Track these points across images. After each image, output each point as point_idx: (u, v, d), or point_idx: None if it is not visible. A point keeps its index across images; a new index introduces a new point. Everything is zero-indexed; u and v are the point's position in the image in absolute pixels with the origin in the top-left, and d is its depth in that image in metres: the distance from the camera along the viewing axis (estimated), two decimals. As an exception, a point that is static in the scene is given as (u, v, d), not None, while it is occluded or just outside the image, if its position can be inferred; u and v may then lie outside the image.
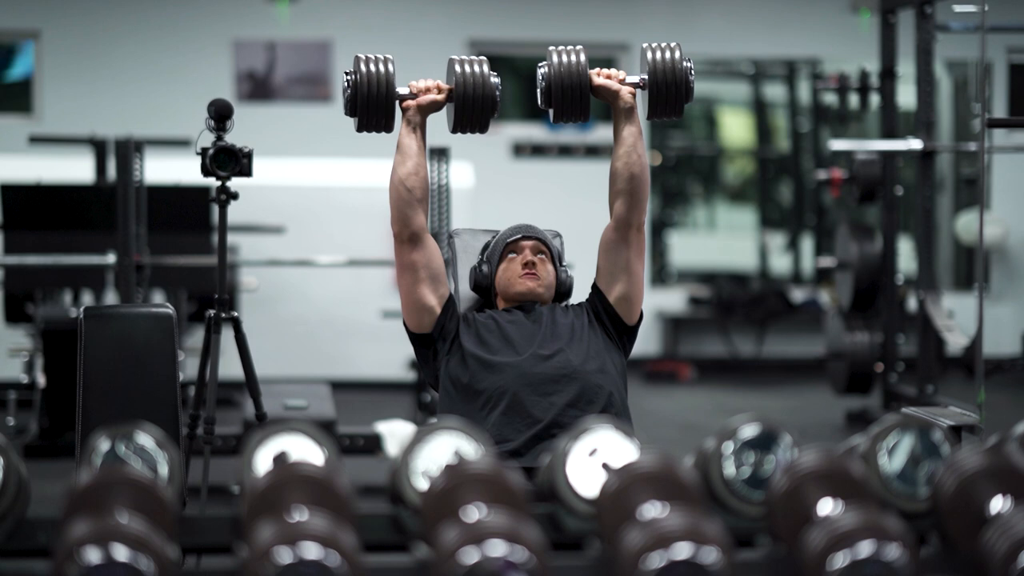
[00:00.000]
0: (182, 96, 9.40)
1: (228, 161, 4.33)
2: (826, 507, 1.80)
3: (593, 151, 10.00)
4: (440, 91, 3.42)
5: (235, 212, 4.56)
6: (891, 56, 7.58)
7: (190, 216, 6.90)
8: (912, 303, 7.92)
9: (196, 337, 7.32)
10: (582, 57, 3.39)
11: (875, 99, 7.71)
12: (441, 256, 3.44)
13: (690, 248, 10.60)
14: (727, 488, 1.92)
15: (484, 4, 10.03)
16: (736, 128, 11.03)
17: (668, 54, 3.38)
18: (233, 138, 4.37)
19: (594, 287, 3.51)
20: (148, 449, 1.90)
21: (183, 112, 8.63)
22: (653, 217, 10.32)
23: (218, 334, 4.38)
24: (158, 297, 7.22)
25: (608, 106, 3.52)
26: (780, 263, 10.62)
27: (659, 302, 9.99)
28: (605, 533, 1.79)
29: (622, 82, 3.44)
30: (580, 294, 3.59)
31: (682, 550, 1.67)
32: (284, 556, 1.62)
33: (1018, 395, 8.64)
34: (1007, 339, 9.43)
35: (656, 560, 1.66)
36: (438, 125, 3.61)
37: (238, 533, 1.76)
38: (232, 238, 7.45)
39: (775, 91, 10.66)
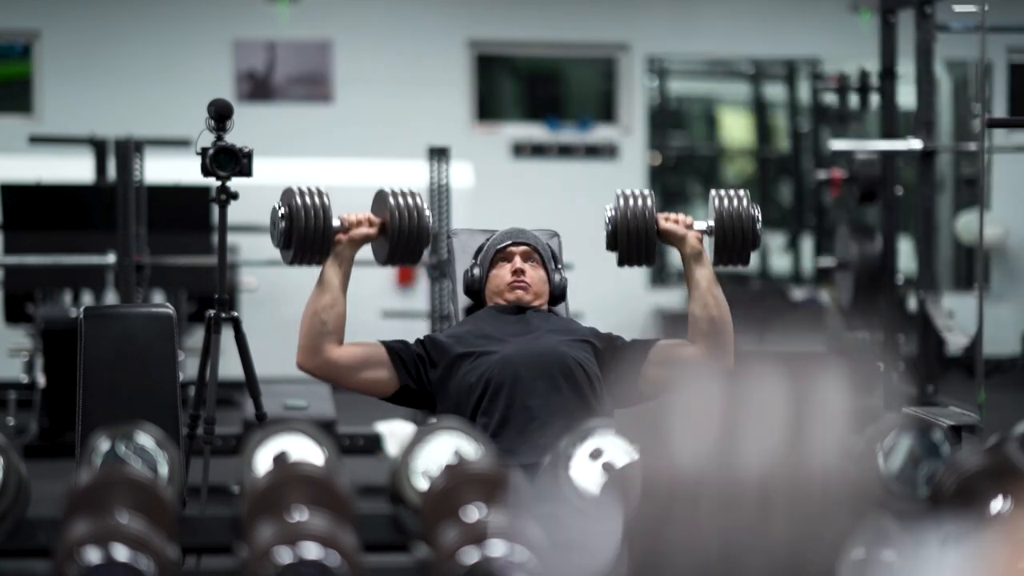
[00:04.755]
0: (182, 96, 9.40)
1: (228, 161, 4.33)
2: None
3: (593, 151, 10.00)
4: (372, 224, 3.33)
5: (235, 212, 4.55)
6: (891, 56, 7.58)
7: (190, 216, 6.90)
8: (912, 303, 7.93)
9: (196, 337, 7.32)
10: (648, 202, 3.36)
11: (875, 99, 7.71)
12: (352, 346, 3.33)
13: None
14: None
15: (484, 4, 10.03)
16: (736, 128, 11.03)
17: (736, 202, 3.36)
18: (233, 138, 4.37)
19: (644, 345, 3.43)
20: (148, 449, 1.90)
21: (183, 112, 8.63)
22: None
23: (218, 334, 4.38)
24: (158, 297, 7.22)
25: (610, 108, 3.50)
26: (780, 263, 10.62)
27: (659, 301, 9.99)
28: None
29: (689, 227, 3.40)
30: (579, 294, 3.59)
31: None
32: (284, 556, 1.62)
33: (1018, 395, 8.64)
34: (1007, 339, 9.43)
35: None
36: (438, 124, 3.60)
37: (238, 533, 1.76)
38: (232, 238, 7.44)
39: (775, 91, 10.66)
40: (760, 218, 3.37)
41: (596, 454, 1.93)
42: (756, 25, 10.19)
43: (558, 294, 3.61)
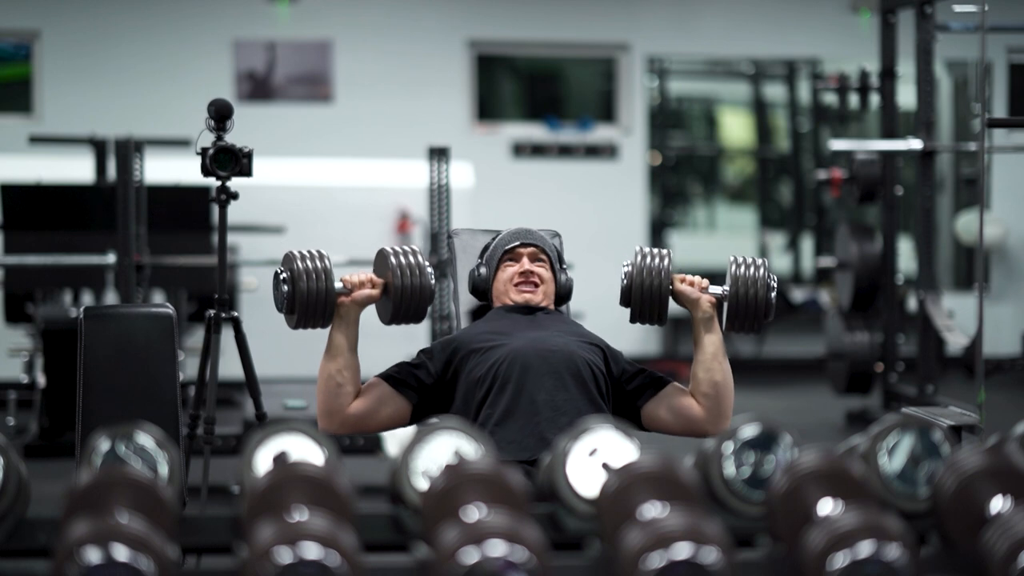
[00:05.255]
0: (182, 96, 9.40)
1: (228, 161, 4.33)
2: (826, 507, 1.80)
3: (593, 151, 9.99)
4: (375, 285, 3.33)
5: (235, 212, 4.55)
6: (891, 56, 7.58)
7: (190, 216, 6.89)
8: (912, 303, 7.92)
9: (196, 337, 7.31)
10: (666, 262, 3.35)
11: (875, 99, 7.71)
12: (362, 400, 3.35)
13: (690, 248, 10.59)
14: (727, 488, 1.92)
15: (484, 4, 10.03)
16: (736, 128, 11.03)
17: (753, 270, 3.33)
18: (233, 138, 4.37)
19: (654, 382, 3.42)
20: (148, 449, 1.90)
21: (183, 112, 8.64)
22: (653, 217, 10.32)
23: (218, 334, 4.38)
24: (158, 297, 7.22)
25: (610, 108, 3.51)
26: (780, 263, 10.61)
27: (659, 302, 9.98)
28: (605, 533, 1.79)
29: (704, 290, 3.39)
30: (579, 294, 3.59)
31: (682, 550, 1.67)
32: (284, 556, 1.62)
33: (1018, 395, 8.64)
34: (1007, 339, 9.43)
35: (656, 560, 1.66)
36: (438, 124, 3.60)
37: (238, 533, 1.76)
38: (232, 238, 7.44)
39: (775, 91, 10.66)
40: (776, 287, 3.34)
41: (594, 453, 1.93)
42: (756, 25, 10.18)
43: (564, 294, 3.62)
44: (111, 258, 6.18)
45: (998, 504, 1.83)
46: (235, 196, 4.39)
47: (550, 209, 9.51)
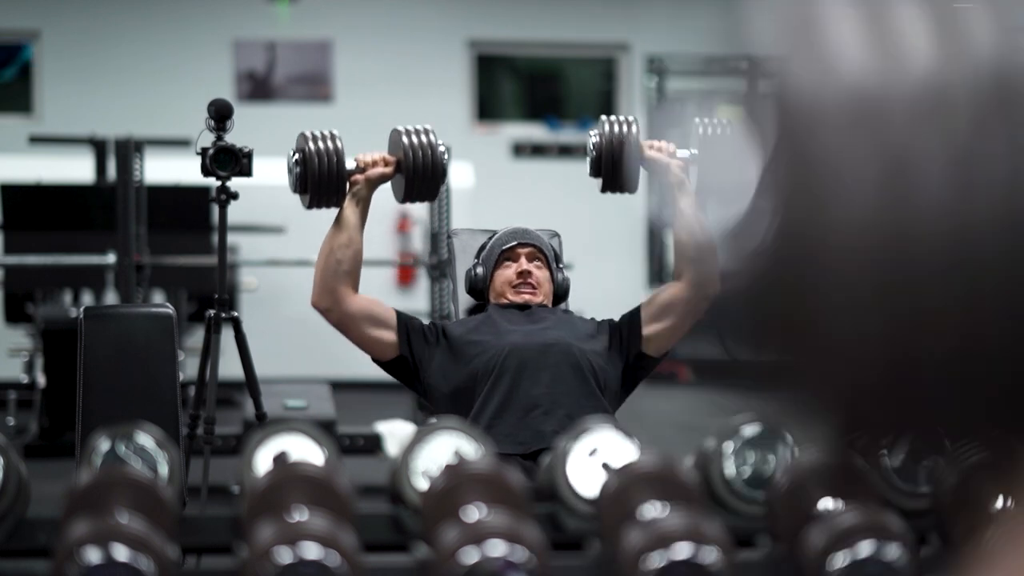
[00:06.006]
0: (182, 96, 9.40)
1: (228, 161, 4.33)
2: (826, 506, 1.80)
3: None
4: (387, 164, 3.37)
5: (235, 212, 4.55)
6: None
7: (190, 216, 6.90)
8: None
9: (196, 337, 7.31)
10: (633, 128, 3.36)
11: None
12: (367, 299, 3.38)
13: (690, 248, 10.61)
14: (727, 488, 1.92)
15: (484, 4, 10.03)
16: (736, 128, 11.04)
17: (720, 129, 3.34)
18: (233, 138, 4.37)
19: (634, 313, 3.45)
20: (148, 449, 1.90)
21: (183, 112, 8.63)
22: (652, 217, 10.32)
23: (218, 334, 4.38)
24: (158, 297, 7.22)
25: (610, 108, 3.52)
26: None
27: (659, 302, 9.99)
28: (605, 533, 1.79)
29: (672, 155, 3.39)
30: (579, 294, 3.59)
31: (682, 550, 1.67)
32: (284, 556, 1.62)
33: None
34: (1007, 339, 9.43)
35: (656, 560, 1.66)
36: (438, 124, 3.60)
37: (238, 533, 1.76)
38: (232, 238, 7.45)
39: (775, 91, 10.67)
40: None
41: (594, 453, 1.93)
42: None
43: (561, 294, 3.62)
44: (111, 258, 6.18)
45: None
46: (235, 196, 4.39)
47: (550, 209, 9.51)
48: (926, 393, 0.81)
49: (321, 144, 3.30)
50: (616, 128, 3.36)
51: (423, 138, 3.35)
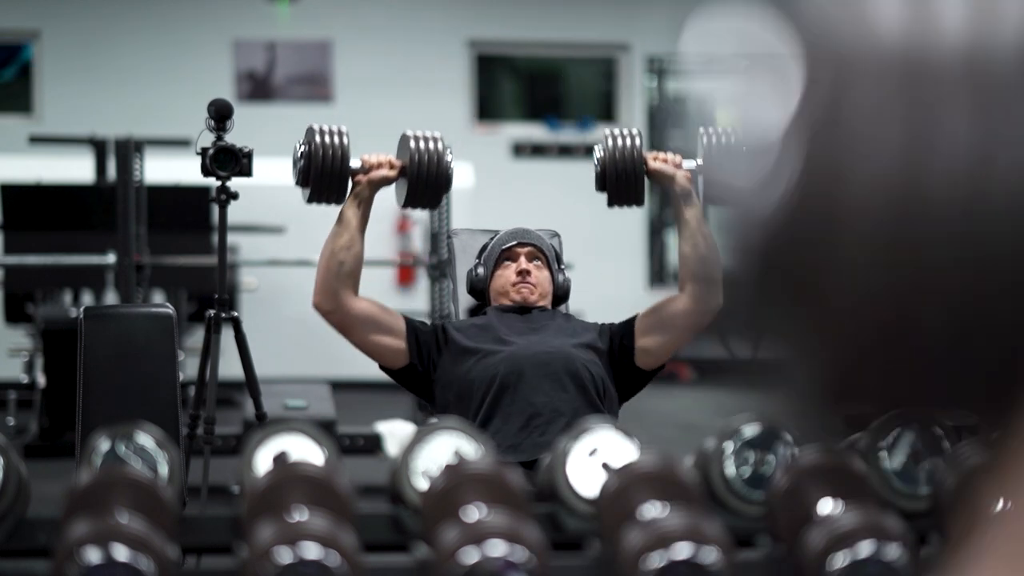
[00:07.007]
0: (182, 96, 9.40)
1: (228, 161, 4.33)
2: (826, 506, 1.80)
3: (593, 151, 10.01)
4: (392, 167, 3.33)
5: (235, 212, 4.55)
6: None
7: (190, 216, 6.90)
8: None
9: (196, 337, 7.31)
10: (637, 141, 3.35)
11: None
12: (372, 303, 3.35)
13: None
14: (727, 487, 1.92)
15: (484, 4, 10.03)
16: (736, 128, 11.04)
17: (725, 139, 3.31)
18: (233, 138, 4.37)
19: (629, 323, 3.45)
20: (148, 449, 1.90)
21: (183, 112, 8.62)
22: (652, 217, 10.32)
23: (218, 334, 4.38)
24: (158, 297, 7.22)
25: (610, 108, 3.51)
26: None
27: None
28: (605, 533, 1.79)
29: (678, 166, 3.38)
30: (579, 294, 3.58)
31: (682, 550, 1.67)
32: (284, 556, 1.62)
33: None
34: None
35: (656, 560, 1.66)
36: (438, 124, 3.60)
37: (238, 533, 1.76)
38: (232, 238, 7.45)
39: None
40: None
41: (594, 453, 1.93)
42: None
43: (562, 294, 3.61)
44: (111, 258, 6.18)
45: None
46: (235, 196, 4.39)
47: (550, 209, 9.50)
48: (923, 357, 0.81)
49: (328, 139, 3.30)
50: (620, 142, 3.35)
51: (431, 145, 3.32)
